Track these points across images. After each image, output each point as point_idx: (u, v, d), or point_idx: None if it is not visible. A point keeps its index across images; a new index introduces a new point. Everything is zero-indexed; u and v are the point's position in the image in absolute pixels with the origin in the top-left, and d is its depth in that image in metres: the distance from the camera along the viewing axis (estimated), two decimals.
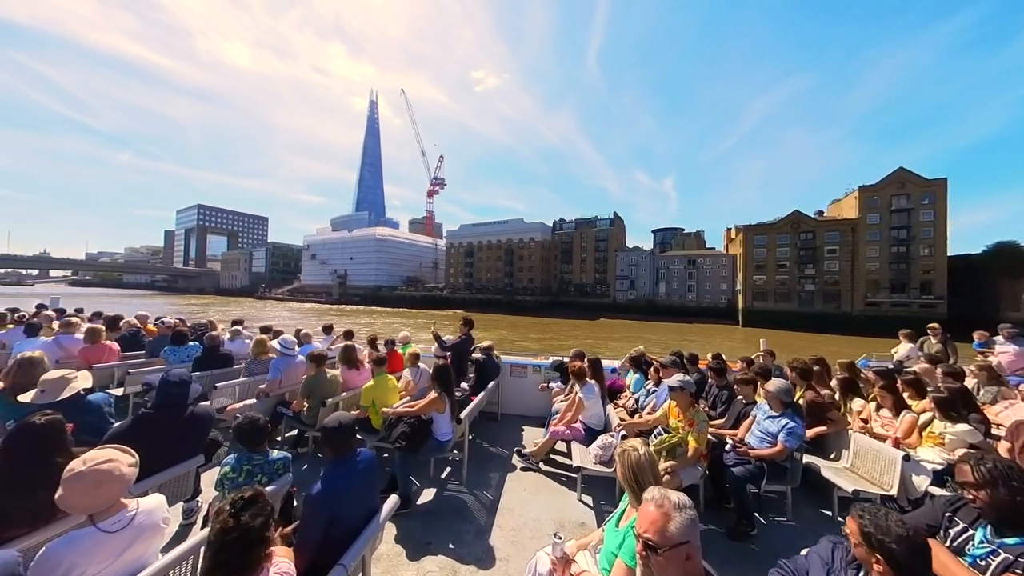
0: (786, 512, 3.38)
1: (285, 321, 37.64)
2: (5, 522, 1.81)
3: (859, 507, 1.51)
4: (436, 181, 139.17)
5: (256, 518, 1.47)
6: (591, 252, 74.36)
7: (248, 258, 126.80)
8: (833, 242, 51.32)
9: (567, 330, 44.26)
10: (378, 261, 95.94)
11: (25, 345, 4.97)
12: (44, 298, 10.03)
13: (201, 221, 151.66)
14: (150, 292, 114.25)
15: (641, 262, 68.87)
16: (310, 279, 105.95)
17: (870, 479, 3.34)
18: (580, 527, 3.20)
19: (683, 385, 3.28)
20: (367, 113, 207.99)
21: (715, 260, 64.12)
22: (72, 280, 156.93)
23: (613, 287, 69.98)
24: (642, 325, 51.31)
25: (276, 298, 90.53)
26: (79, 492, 1.55)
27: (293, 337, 5.48)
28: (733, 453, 3.42)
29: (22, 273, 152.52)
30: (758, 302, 54.14)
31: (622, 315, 61.40)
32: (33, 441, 1.99)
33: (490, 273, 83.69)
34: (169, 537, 2.74)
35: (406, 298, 79.21)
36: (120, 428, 2.60)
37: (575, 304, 68.24)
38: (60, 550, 1.46)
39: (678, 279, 65.37)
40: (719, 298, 61.36)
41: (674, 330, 46.20)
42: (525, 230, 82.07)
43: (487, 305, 69.03)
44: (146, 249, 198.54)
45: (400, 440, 3.47)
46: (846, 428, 3.77)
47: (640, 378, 5.18)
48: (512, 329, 42.85)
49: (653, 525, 1.35)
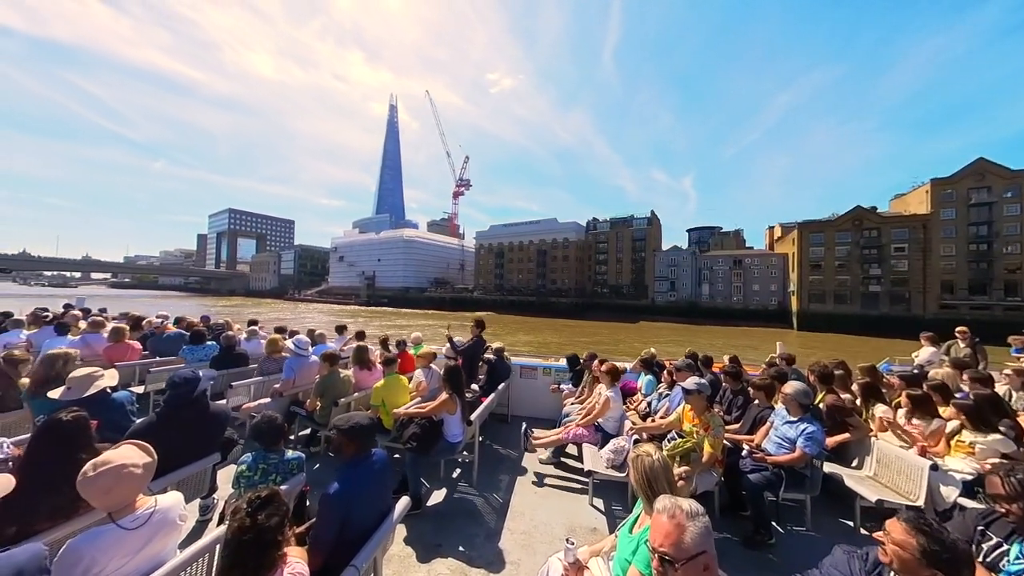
0: (805, 521, 3.28)
1: (320, 323, 37.33)
2: (33, 516, 1.87)
3: (914, 520, 1.41)
4: (461, 182, 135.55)
5: (272, 518, 1.49)
6: (627, 252, 71.67)
7: (277, 260, 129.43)
8: (901, 240, 47.15)
9: (608, 333, 41.19)
10: (406, 263, 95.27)
11: (54, 343, 5.16)
12: (89, 299, 10.46)
13: (232, 225, 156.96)
14: (184, 294, 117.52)
15: (682, 262, 65.46)
16: (338, 281, 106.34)
17: (895, 488, 3.22)
18: (592, 532, 3.16)
19: (699, 388, 3.22)
20: (387, 117, 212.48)
21: (763, 260, 60.55)
22: (112, 282, 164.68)
23: (651, 288, 66.97)
24: (686, 328, 48.24)
25: (305, 300, 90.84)
26: (91, 495, 1.60)
27: (307, 337, 5.56)
28: (750, 459, 3.33)
29: (67, 275, 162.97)
30: (815, 304, 50.33)
31: (662, 318, 57.98)
32: (60, 437, 2.05)
33: (521, 274, 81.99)
34: (186, 533, 2.80)
35: (435, 300, 77.45)
36: (139, 426, 2.67)
37: (610, 306, 65.08)
38: (82, 547, 1.50)
39: (722, 280, 61.39)
40: (768, 300, 57.73)
41: (722, 334, 42.93)
42: (558, 230, 79.77)
43: (519, 307, 67.41)
44: (180, 252, 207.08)
45: (411, 441, 3.49)
46: (868, 435, 3.65)
47: (652, 380, 5.10)
48: (554, 332, 40.53)
49: (668, 538, 1.31)
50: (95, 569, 1.49)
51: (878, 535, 1.51)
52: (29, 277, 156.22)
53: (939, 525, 1.37)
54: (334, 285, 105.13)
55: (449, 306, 70.62)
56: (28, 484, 1.92)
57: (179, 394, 2.80)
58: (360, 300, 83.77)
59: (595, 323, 52.92)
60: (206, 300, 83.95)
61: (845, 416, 3.71)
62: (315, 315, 54.26)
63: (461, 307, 69.34)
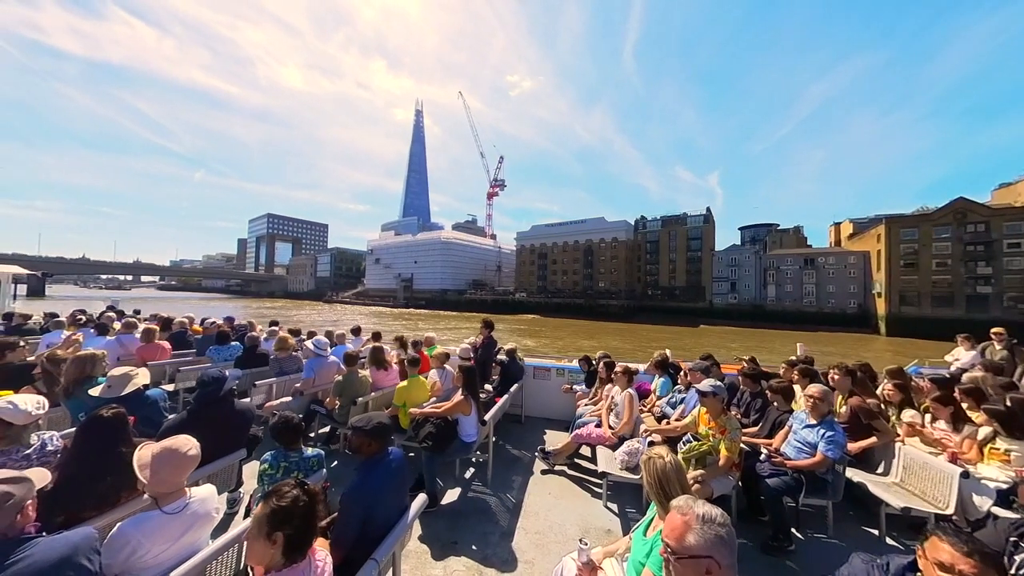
0: (827, 528, 3.20)
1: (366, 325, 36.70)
2: (79, 504, 2.00)
3: (967, 541, 1.32)
4: (496, 182, 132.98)
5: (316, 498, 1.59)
6: (681, 252, 67.54)
7: (313, 263, 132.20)
8: (1016, 234, 41.39)
9: (669, 338, 37.23)
10: (443, 265, 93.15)
11: (92, 343, 5.46)
12: (138, 302, 11.06)
13: (270, 229, 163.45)
14: (226, 296, 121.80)
15: (744, 262, 60.63)
16: (374, 283, 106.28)
17: (922, 496, 3.11)
18: (606, 534, 3.16)
19: (715, 390, 3.17)
20: (413, 122, 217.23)
21: (840, 259, 55.23)
22: (160, 285, 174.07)
23: (709, 290, 62.39)
24: (752, 332, 44.09)
25: (343, 302, 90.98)
26: (154, 473, 1.73)
27: (326, 338, 5.72)
28: (768, 463, 3.27)
29: (120, 279, 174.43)
30: (908, 307, 45.06)
31: (721, 321, 54.04)
32: (102, 432, 2.19)
33: (566, 276, 78.97)
34: (216, 524, 2.93)
35: (476, 302, 74.38)
36: (172, 422, 2.81)
37: (664, 309, 60.86)
38: (129, 530, 1.61)
39: (792, 281, 56.62)
40: (846, 302, 52.73)
41: (795, 339, 38.44)
42: (607, 229, 76.20)
43: (565, 310, 64.12)
44: (221, 256, 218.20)
45: (427, 440, 3.55)
46: (895, 440, 3.53)
47: (667, 382, 5.05)
48: (615, 336, 37.36)
49: (673, 532, 1.35)
50: (140, 552, 1.61)
51: (919, 554, 1.41)
52: (88, 280, 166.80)
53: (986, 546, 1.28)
54: (370, 287, 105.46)
55: (490, 308, 67.98)
56: (74, 475, 2.06)
57: (208, 392, 2.94)
58: (397, 302, 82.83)
59: (651, 327, 49.55)
60: (251, 303, 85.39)
61: (871, 420, 3.59)
62: (356, 317, 53.40)
63: (503, 310, 67.02)
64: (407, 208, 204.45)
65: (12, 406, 2.25)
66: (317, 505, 1.56)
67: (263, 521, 1.42)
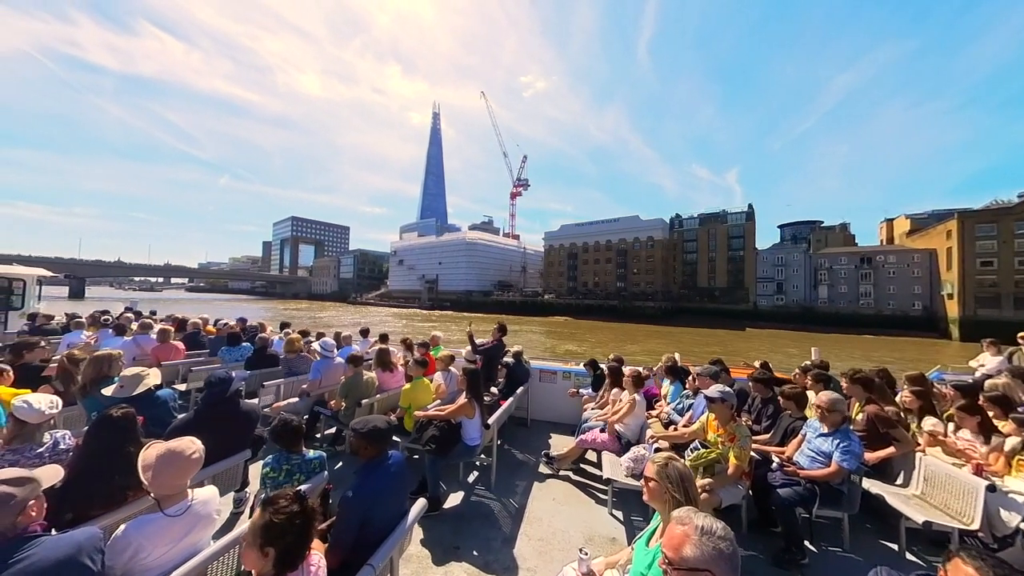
0: (842, 541, 3.07)
1: (397, 327, 35.43)
2: (88, 502, 2.04)
3: (997, 565, 1.18)
4: (520, 182, 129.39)
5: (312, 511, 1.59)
6: (722, 251, 63.89)
7: (336, 265, 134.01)
8: None
9: (715, 342, 35.05)
10: (468, 266, 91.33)
11: (109, 343, 5.62)
12: (169, 303, 11.45)
13: (294, 231, 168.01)
14: (252, 297, 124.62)
15: (792, 262, 57.42)
16: (397, 284, 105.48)
17: (945, 510, 2.96)
18: (611, 542, 3.10)
19: (723, 396, 3.09)
20: (431, 125, 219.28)
21: (902, 257, 51.44)
22: (189, 287, 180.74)
23: (753, 291, 59.01)
24: (805, 336, 40.00)
25: (368, 303, 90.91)
26: (153, 476, 1.75)
27: (333, 340, 5.78)
28: (780, 472, 3.16)
29: (152, 281, 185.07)
30: (985, 309, 41.07)
31: (767, 324, 50.60)
32: (110, 431, 2.23)
33: (598, 277, 76.50)
34: (219, 525, 2.96)
35: (503, 304, 71.48)
36: (179, 422, 2.86)
37: (703, 311, 57.45)
38: (131, 533, 1.63)
39: (846, 281, 53.03)
40: (909, 304, 49.32)
41: (855, 344, 35.92)
42: (642, 228, 73.31)
43: (596, 312, 60.96)
44: (246, 259, 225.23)
45: (430, 443, 3.54)
46: (915, 450, 3.38)
47: (677, 387, 4.94)
48: (659, 340, 34.47)
49: (670, 541, 1.33)
50: (142, 554, 1.62)
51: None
52: (123, 282, 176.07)
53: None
54: (393, 289, 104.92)
55: (519, 310, 66.31)
56: (83, 473, 2.10)
57: (214, 393, 2.98)
58: (422, 304, 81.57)
59: (691, 330, 46.59)
60: (276, 304, 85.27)
61: (889, 428, 3.45)
62: (386, 319, 52.13)
63: (532, 311, 64.80)
64: (425, 210, 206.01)
65: (26, 405, 2.32)
66: (313, 520, 1.56)
67: (257, 533, 1.43)
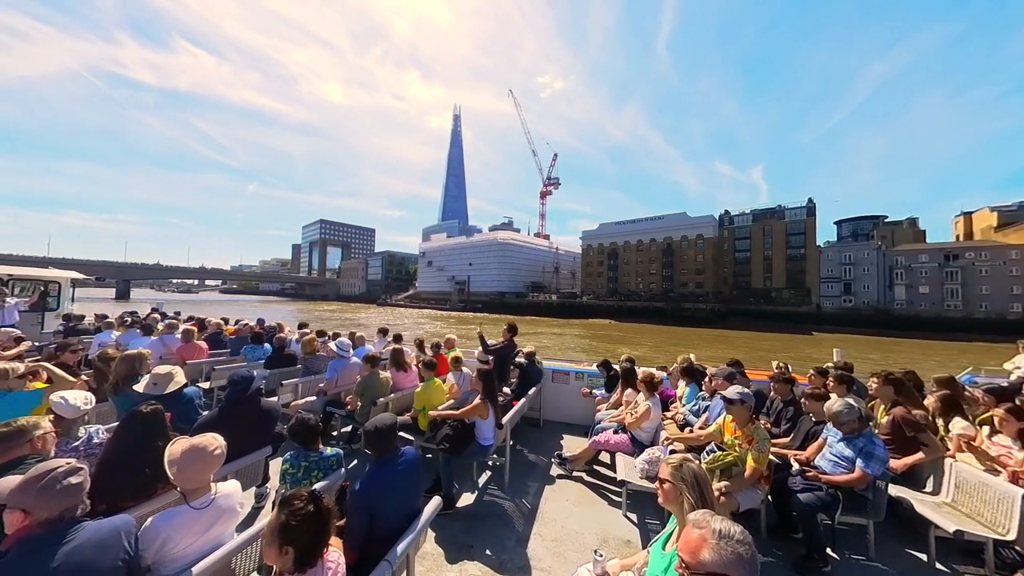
0: (867, 549, 2.97)
1: (433, 328, 34.08)
2: (119, 494, 2.13)
3: None
4: (550, 180, 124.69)
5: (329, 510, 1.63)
6: (778, 249, 59.74)
7: (364, 266, 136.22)
8: None
9: (780, 347, 31.99)
10: (500, 267, 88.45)
11: (137, 342, 5.85)
12: (204, 304, 11.93)
13: (322, 234, 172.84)
14: (282, 299, 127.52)
15: (862, 260, 52.76)
16: (426, 286, 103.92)
17: (978, 518, 2.84)
18: (626, 545, 3.07)
19: (742, 398, 3.02)
20: (451, 127, 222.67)
21: (996, 253, 46.75)
22: (222, 288, 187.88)
23: (816, 292, 54.88)
24: (885, 342, 36.76)
25: (398, 305, 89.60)
26: (178, 469, 1.83)
27: (348, 340, 5.89)
28: (800, 477, 3.08)
29: (189, 283, 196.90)
30: None
31: (834, 328, 46.01)
32: (140, 426, 2.33)
33: (641, 277, 73.11)
34: (242, 519, 3.05)
35: (539, 305, 68.23)
36: (204, 419, 2.96)
37: (760, 313, 52.87)
38: (160, 524, 1.71)
39: (928, 281, 48.84)
40: (1006, 306, 44.96)
41: (950, 350, 32.01)
42: (689, 226, 69.29)
43: (640, 314, 56.94)
44: (276, 261, 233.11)
45: (444, 442, 3.58)
46: (945, 455, 3.24)
47: (693, 388, 4.86)
48: (721, 345, 31.86)
49: (687, 545, 1.30)
50: (169, 545, 1.70)
51: None
52: (163, 284, 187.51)
53: None
54: (422, 290, 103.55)
55: (556, 312, 62.82)
56: (115, 466, 2.20)
57: (236, 391, 3.07)
58: (453, 305, 78.73)
59: (750, 333, 43.35)
60: (307, 305, 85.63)
61: (917, 432, 3.32)
62: (420, 320, 50.52)
63: (570, 314, 61.15)
64: (446, 211, 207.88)
65: (63, 401, 2.44)
66: (329, 519, 1.59)
67: (275, 533, 1.48)
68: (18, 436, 1.97)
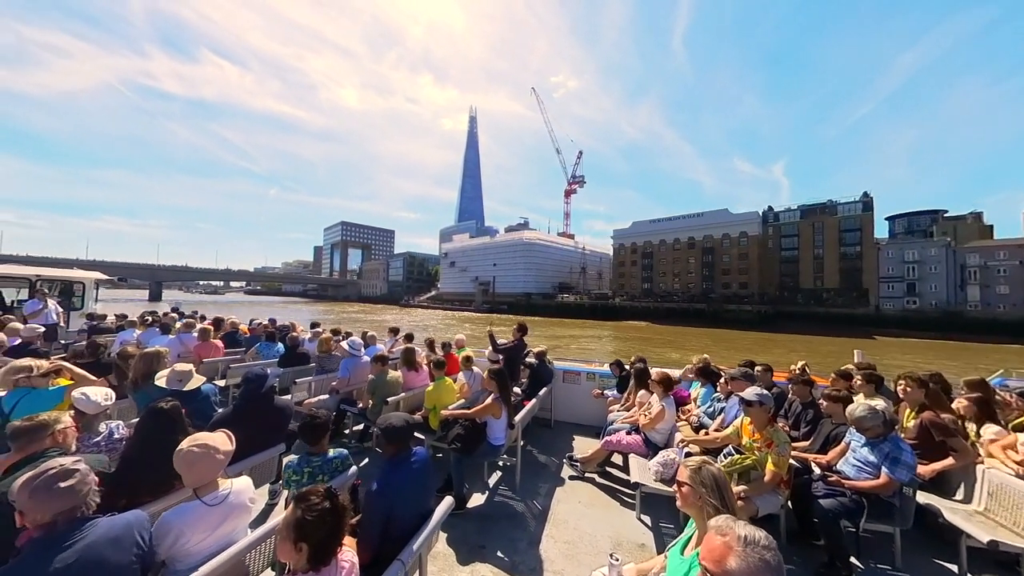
0: (893, 558, 2.85)
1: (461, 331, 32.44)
2: (138, 489, 2.17)
3: None
4: (575, 179, 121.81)
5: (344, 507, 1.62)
6: (830, 247, 55.79)
7: (385, 267, 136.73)
8: None
9: (840, 351, 26.14)
10: (526, 267, 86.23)
11: (155, 341, 5.99)
12: (229, 305, 12.27)
13: (344, 236, 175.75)
14: (305, 300, 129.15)
15: (928, 258, 48.81)
16: (448, 287, 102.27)
17: (1013, 528, 2.70)
18: (640, 548, 3.01)
19: (760, 399, 2.94)
20: (467, 129, 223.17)
21: None
22: (247, 290, 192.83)
23: (875, 293, 51.16)
24: (960, 347, 33.29)
25: (420, 306, 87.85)
26: (183, 466, 1.85)
27: (360, 339, 5.93)
28: (822, 482, 2.97)
29: (215, 284, 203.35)
30: None
31: (896, 331, 42.22)
32: (159, 422, 2.36)
33: (679, 277, 69.56)
34: (255, 515, 3.08)
35: (569, 307, 64.95)
36: (219, 416, 3.00)
37: (811, 316, 48.77)
38: (173, 520, 1.73)
39: (1007, 281, 44.93)
40: None
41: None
42: (731, 223, 65.19)
43: (681, 316, 53.70)
44: (298, 263, 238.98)
45: (455, 442, 3.56)
46: (976, 461, 3.10)
47: (709, 389, 4.76)
48: (779, 350, 29.14)
49: (711, 554, 1.25)
50: (182, 540, 1.71)
51: None
52: (191, 286, 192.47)
53: None
54: (444, 291, 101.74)
55: (588, 314, 59.36)
56: (135, 461, 2.24)
57: (251, 389, 3.11)
58: (477, 306, 76.28)
59: (804, 337, 39.85)
60: (330, 306, 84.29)
61: (947, 437, 3.18)
62: (450, 323, 47.64)
63: (603, 315, 57.57)
64: (463, 212, 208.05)
65: (85, 397, 2.49)
66: (344, 516, 1.58)
67: (290, 528, 1.47)
68: (40, 430, 2.00)
